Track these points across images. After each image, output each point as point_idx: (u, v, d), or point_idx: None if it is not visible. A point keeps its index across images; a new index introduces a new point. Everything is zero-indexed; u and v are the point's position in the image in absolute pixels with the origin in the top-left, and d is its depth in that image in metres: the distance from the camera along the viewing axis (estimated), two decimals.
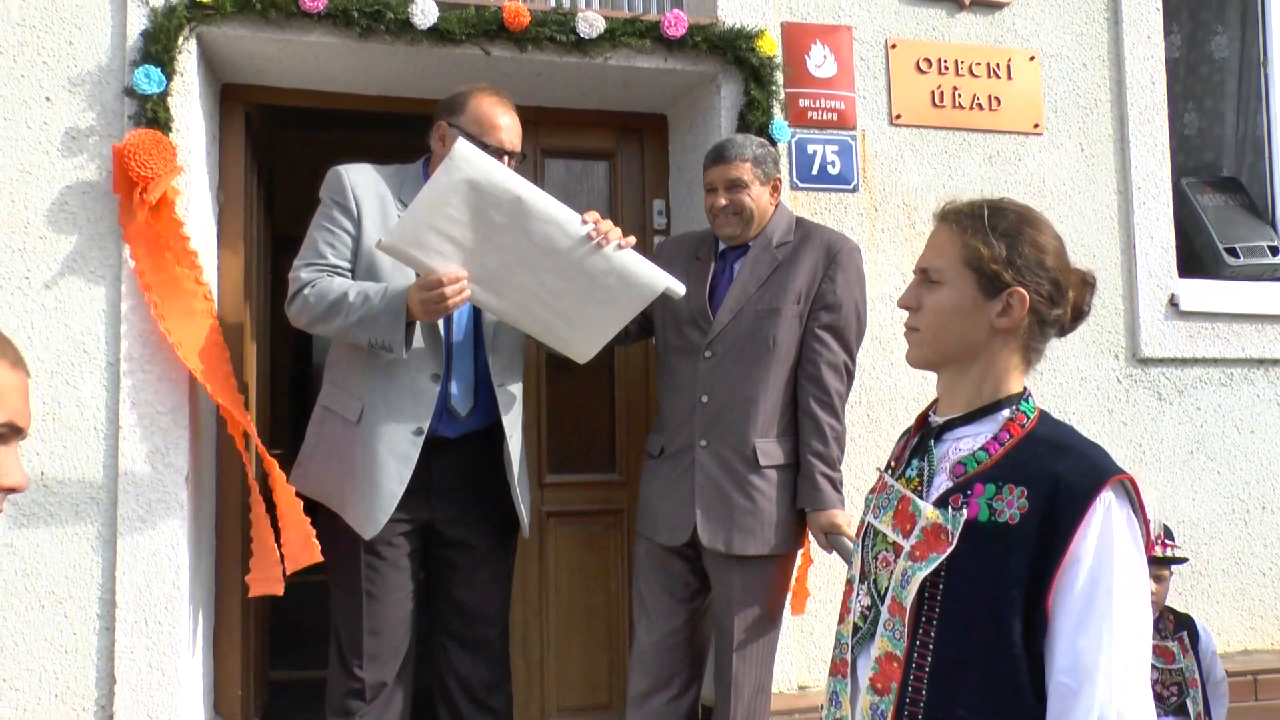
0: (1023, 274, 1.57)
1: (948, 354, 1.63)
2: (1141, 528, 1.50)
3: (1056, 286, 1.59)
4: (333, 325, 2.68)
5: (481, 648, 2.89)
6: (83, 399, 2.97)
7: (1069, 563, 1.44)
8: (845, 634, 1.67)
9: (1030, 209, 1.65)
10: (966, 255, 1.59)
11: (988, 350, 1.60)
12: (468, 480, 2.84)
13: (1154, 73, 4.06)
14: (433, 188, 2.54)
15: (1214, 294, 4.10)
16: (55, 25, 3.04)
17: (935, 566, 1.51)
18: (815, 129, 3.65)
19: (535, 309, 2.68)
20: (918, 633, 1.53)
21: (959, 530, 1.51)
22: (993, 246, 1.57)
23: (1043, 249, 1.59)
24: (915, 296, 1.65)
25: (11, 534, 2.90)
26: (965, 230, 1.61)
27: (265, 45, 3.22)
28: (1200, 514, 4.00)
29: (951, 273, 1.60)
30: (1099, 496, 1.45)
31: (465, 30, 3.25)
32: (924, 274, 1.65)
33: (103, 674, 2.94)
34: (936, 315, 1.62)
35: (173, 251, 2.93)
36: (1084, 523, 1.44)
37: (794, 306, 2.84)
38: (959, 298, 1.60)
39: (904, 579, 1.55)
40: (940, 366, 1.66)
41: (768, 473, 2.82)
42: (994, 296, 1.58)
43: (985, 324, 1.59)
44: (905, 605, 1.54)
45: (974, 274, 1.59)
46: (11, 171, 2.98)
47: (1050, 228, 1.64)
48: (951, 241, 1.62)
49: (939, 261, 1.62)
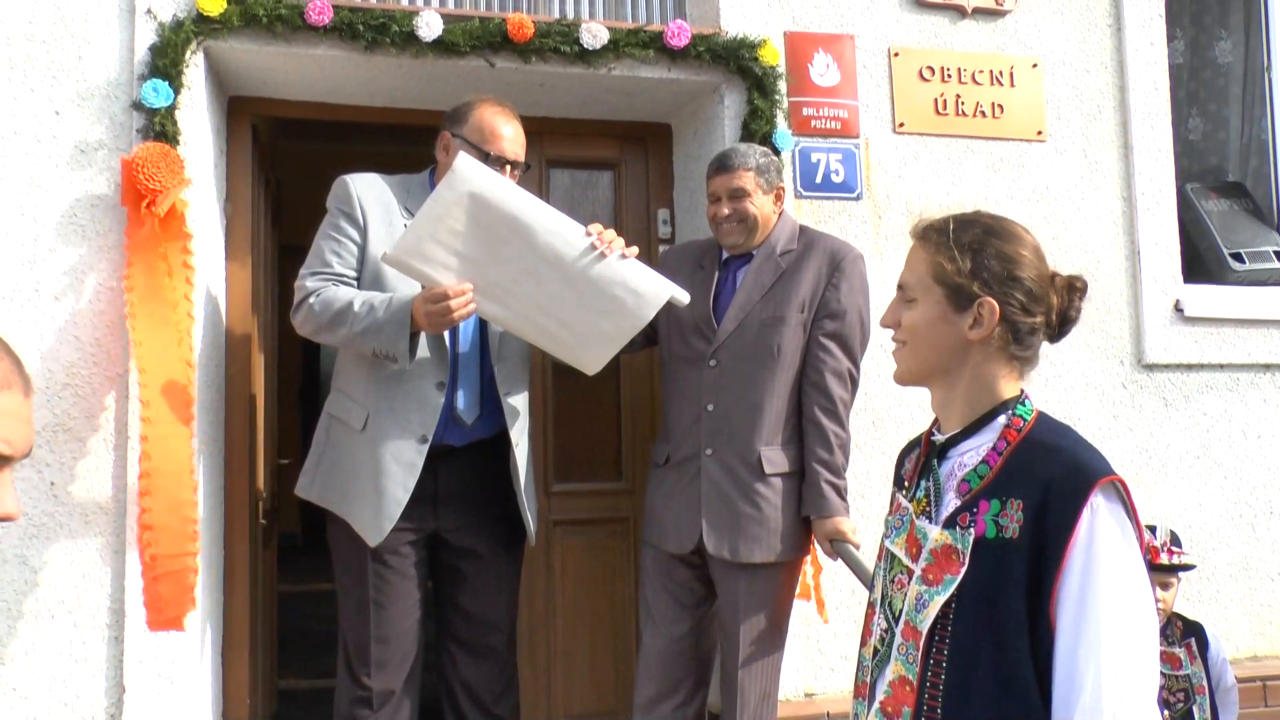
0: (990, 285, 1.58)
1: (929, 368, 1.65)
2: (1135, 529, 1.50)
3: (1030, 295, 1.60)
4: (337, 334, 2.70)
5: (488, 655, 2.90)
6: (92, 411, 2.99)
7: (1065, 571, 1.44)
8: (866, 657, 1.68)
9: (1001, 220, 1.66)
10: (934, 271, 1.61)
11: (969, 362, 1.61)
12: (474, 489, 2.85)
13: (1157, 78, 4.06)
14: (436, 201, 2.56)
15: (1219, 299, 4.09)
16: (65, 40, 3.07)
17: (953, 589, 1.52)
18: (819, 137, 3.67)
19: (541, 320, 2.69)
20: (931, 654, 1.53)
21: (969, 550, 1.52)
22: (957, 260, 1.59)
23: (1010, 258, 1.60)
24: (895, 314, 1.68)
25: (23, 544, 2.92)
26: (932, 246, 1.63)
27: (272, 58, 3.25)
28: (1207, 519, 3.99)
29: (921, 289, 1.63)
30: (1088, 501, 1.45)
31: (470, 42, 3.27)
32: (901, 291, 1.67)
33: (112, 683, 2.95)
34: (914, 331, 1.64)
35: (169, 264, 2.93)
36: (1076, 529, 1.44)
37: (798, 315, 2.85)
38: (931, 313, 1.62)
39: (919, 603, 1.56)
40: (925, 381, 1.67)
41: (773, 480, 2.82)
42: (964, 309, 1.59)
43: (960, 336, 1.60)
44: (920, 629, 1.54)
45: (942, 288, 1.60)
46: (21, 184, 3.00)
47: (1022, 237, 1.64)
48: (922, 258, 1.64)
49: (911, 278, 1.65)
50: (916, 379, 1.68)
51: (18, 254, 2.98)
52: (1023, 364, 1.64)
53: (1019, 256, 1.61)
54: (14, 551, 2.92)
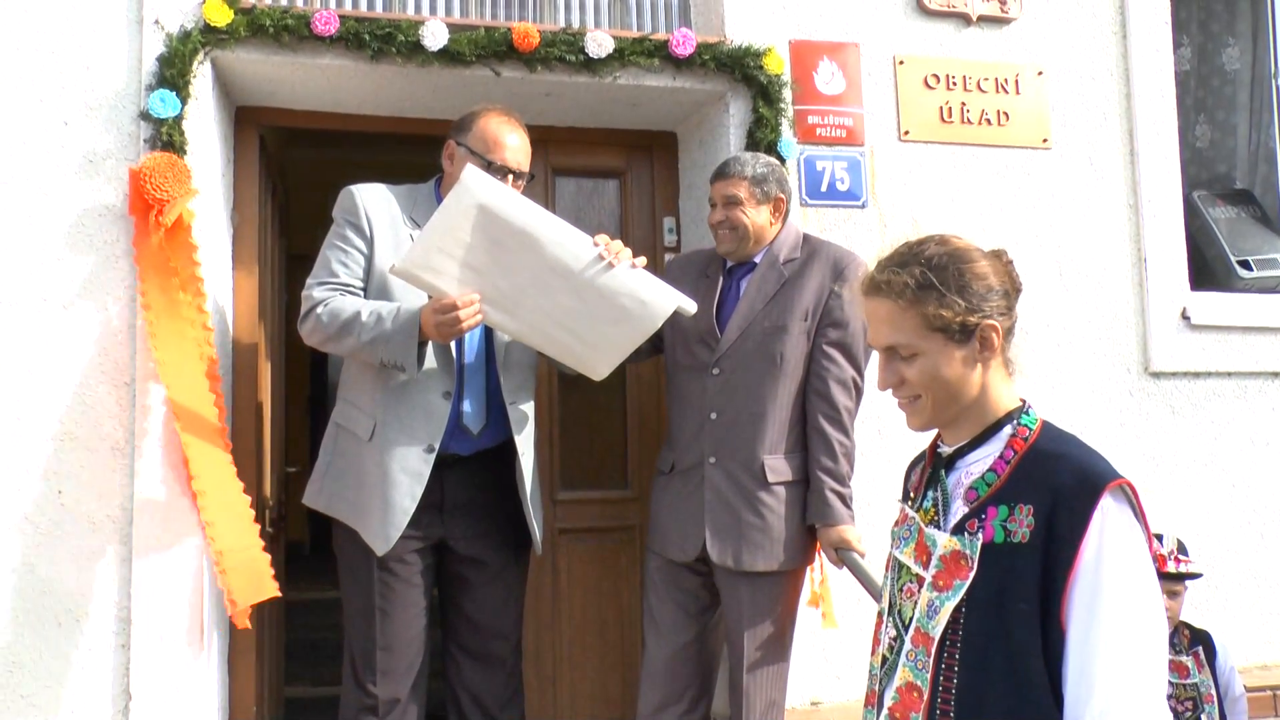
0: (982, 308, 1.59)
1: (952, 409, 1.64)
2: (1144, 531, 1.51)
3: (1006, 296, 1.63)
4: (345, 344, 2.71)
5: (494, 663, 2.91)
6: (99, 419, 3.00)
7: (1077, 574, 1.45)
8: (875, 665, 1.70)
9: (947, 241, 1.65)
10: (929, 323, 1.59)
11: (976, 382, 1.62)
12: (480, 497, 2.86)
13: (1163, 86, 4.06)
14: (444, 213, 2.57)
15: (1226, 307, 4.08)
16: (74, 51, 3.09)
17: (962, 594, 1.53)
18: (824, 145, 3.67)
19: (550, 329, 2.70)
20: (942, 659, 1.54)
21: (977, 554, 1.53)
22: (954, 305, 1.58)
23: (983, 275, 1.61)
24: (895, 374, 1.64)
25: (31, 552, 2.94)
26: (910, 299, 1.59)
27: (278, 68, 3.27)
28: (1215, 528, 3.98)
29: (921, 342, 1.60)
30: (1098, 505, 1.46)
31: (475, 51, 3.28)
32: (891, 351, 1.64)
33: (119, 690, 2.96)
34: (930, 384, 1.62)
35: (180, 277, 2.95)
36: (1086, 533, 1.45)
37: (801, 323, 2.85)
38: (942, 360, 1.60)
39: (930, 609, 1.57)
40: (946, 423, 1.67)
41: (776, 489, 2.83)
42: (967, 340, 1.60)
43: (970, 364, 1.61)
44: (932, 635, 1.55)
45: (942, 334, 1.59)
46: (31, 194, 3.02)
47: (972, 246, 1.64)
48: (902, 313, 1.60)
49: (901, 337, 1.61)
50: (939, 424, 1.67)
51: (26, 263, 3.00)
52: (1011, 367, 1.66)
53: (984, 270, 1.62)
54: (22, 559, 2.93)
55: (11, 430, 2.96)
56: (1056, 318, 3.85)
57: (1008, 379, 1.65)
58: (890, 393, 1.68)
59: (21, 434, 2.96)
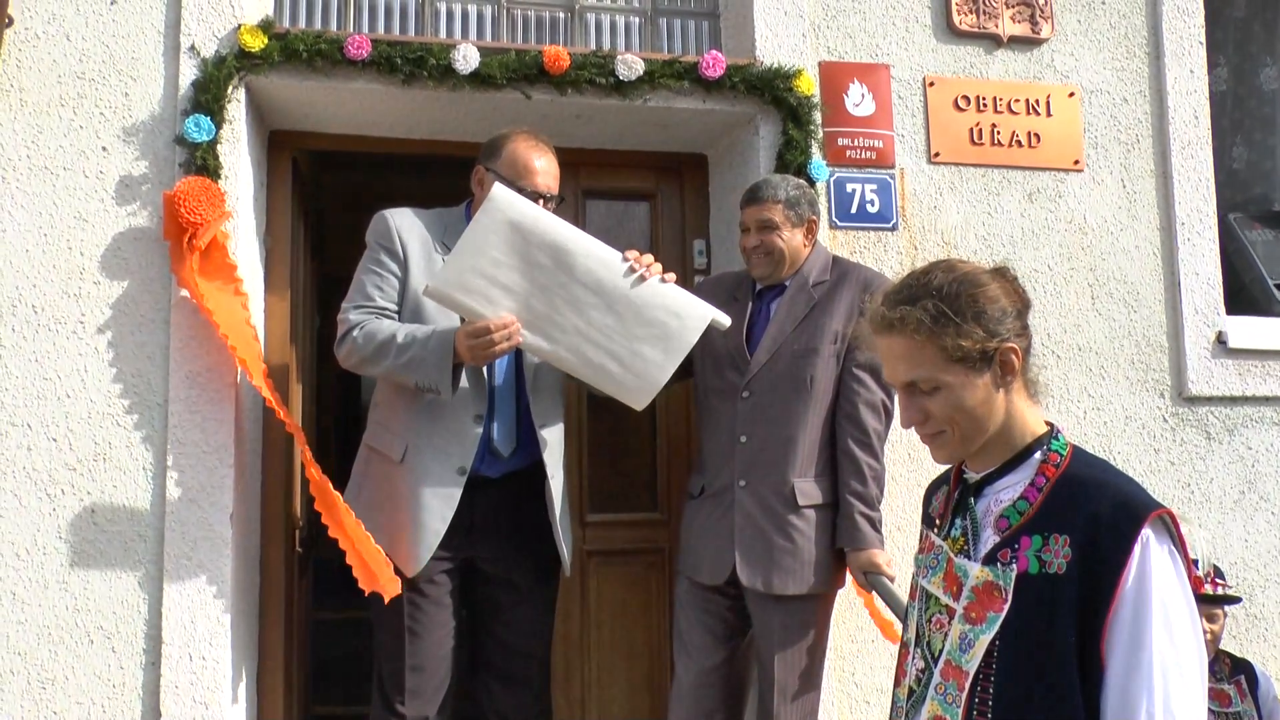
0: (999, 332, 1.57)
1: (979, 438, 1.61)
2: (1184, 563, 1.48)
3: (1019, 316, 1.61)
4: (380, 366, 2.73)
5: (523, 685, 2.91)
6: (132, 440, 3.04)
7: (1117, 607, 1.43)
8: (901, 697, 1.67)
9: (953, 267, 1.63)
10: (950, 355, 1.56)
11: (1001, 407, 1.60)
12: (510, 519, 2.86)
13: (1197, 107, 4.02)
14: (474, 231, 2.59)
15: (1264, 331, 4.02)
16: (112, 78, 3.14)
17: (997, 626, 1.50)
18: (854, 168, 3.66)
19: (586, 350, 2.69)
20: (975, 693, 1.51)
21: (1012, 586, 1.50)
22: (972, 334, 1.55)
23: (995, 298, 1.59)
24: (918, 410, 1.61)
25: (64, 571, 2.97)
26: (927, 333, 1.57)
27: (311, 93, 3.30)
28: (1254, 556, 3.91)
29: (943, 375, 1.57)
30: (1139, 537, 1.44)
31: (506, 75, 3.31)
32: (911, 387, 1.61)
33: (148, 708, 2.98)
34: (955, 418, 1.59)
35: (222, 280, 3.01)
36: (1127, 565, 1.43)
37: (831, 346, 2.84)
38: (965, 391, 1.57)
39: (963, 642, 1.54)
40: (974, 452, 1.64)
41: (806, 512, 2.81)
42: (987, 367, 1.57)
43: (993, 390, 1.59)
44: (966, 670, 1.53)
45: (962, 364, 1.56)
46: (69, 219, 3.07)
47: (979, 269, 1.62)
48: (921, 348, 1.57)
49: (921, 372, 1.58)
50: (968, 455, 1.65)
51: (64, 287, 3.05)
52: (1032, 388, 1.64)
53: (996, 293, 1.60)
54: (55, 577, 2.97)
55: (47, 451, 2.99)
56: (1089, 342, 3.81)
57: (1031, 402, 1.63)
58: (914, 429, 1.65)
59: (56, 455, 3.00)
